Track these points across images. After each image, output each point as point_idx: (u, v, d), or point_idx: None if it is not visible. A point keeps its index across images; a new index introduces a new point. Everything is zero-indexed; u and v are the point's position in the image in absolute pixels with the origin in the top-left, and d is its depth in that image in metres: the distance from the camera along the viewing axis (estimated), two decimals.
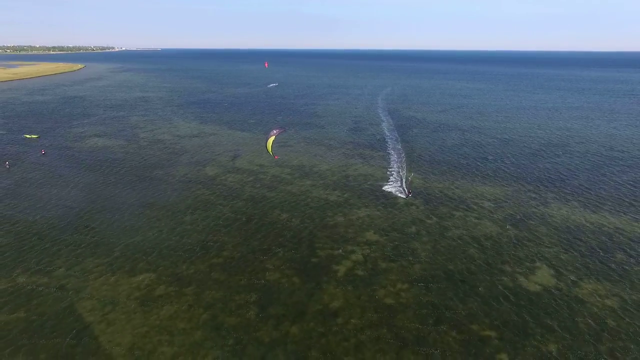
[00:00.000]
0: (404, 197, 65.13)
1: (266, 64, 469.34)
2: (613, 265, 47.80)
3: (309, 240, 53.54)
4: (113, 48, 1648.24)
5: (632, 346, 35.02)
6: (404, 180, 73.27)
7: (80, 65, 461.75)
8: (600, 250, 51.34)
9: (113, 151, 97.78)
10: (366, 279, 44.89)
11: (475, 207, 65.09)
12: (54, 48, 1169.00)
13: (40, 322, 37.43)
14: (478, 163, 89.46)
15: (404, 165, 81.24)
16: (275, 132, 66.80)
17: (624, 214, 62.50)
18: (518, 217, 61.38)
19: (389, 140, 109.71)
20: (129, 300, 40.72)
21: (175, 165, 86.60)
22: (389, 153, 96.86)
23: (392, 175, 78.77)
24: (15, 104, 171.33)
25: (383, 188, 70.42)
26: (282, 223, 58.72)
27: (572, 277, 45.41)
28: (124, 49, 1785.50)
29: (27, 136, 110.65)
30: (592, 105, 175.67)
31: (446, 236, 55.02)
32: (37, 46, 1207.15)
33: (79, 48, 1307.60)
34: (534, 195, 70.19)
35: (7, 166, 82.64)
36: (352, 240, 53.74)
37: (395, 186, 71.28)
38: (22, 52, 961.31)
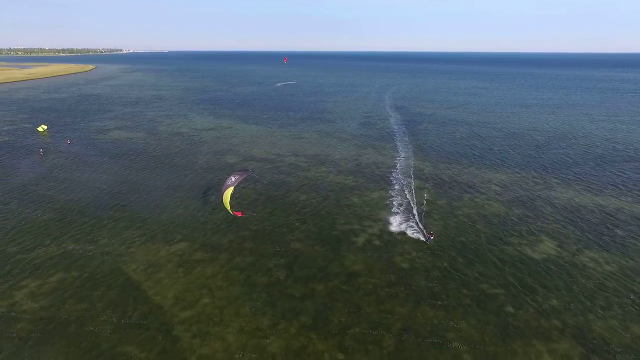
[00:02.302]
0: (425, 240, 49.87)
1: (285, 60, 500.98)
2: (613, 239, 51.40)
3: (328, 217, 57.66)
4: (121, 50, 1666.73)
5: (627, 300, 38.74)
6: (417, 213, 57.55)
7: (91, 66, 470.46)
8: (601, 227, 54.96)
9: (135, 142, 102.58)
10: (383, 247, 48.88)
11: (483, 190, 68.84)
12: (63, 50, 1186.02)
13: (93, 280, 41.84)
14: (485, 153, 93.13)
15: (413, 189, 67.82)
16: (233, 179, 50.06)
17: (625, 196, 65.99)
18: (524, 199, 65.06)
19: (398, 134, 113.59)
20: (170, 264, 45.04)
21: (195, 154, 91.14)
22: (398, 145, 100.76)
23: (403, 200, 63.54)
24: (34, 101, 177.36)
25: (391, 224, 54.63)
26: (302, 203, 62.90)
27: (574, 248, 49.11)
28: (131, 51, 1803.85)
29: (39, 130, 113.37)
30: (595, 102, 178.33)
31: (456, 214, 58.87)
32: (47, 48, 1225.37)
33: (88, 50, 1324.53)
34: (539, 181, 73.78)
35: (41, 153, 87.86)
36: (369, 217, 57.74)
37: (409, 222, 55.02)
38: (33, 54, 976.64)
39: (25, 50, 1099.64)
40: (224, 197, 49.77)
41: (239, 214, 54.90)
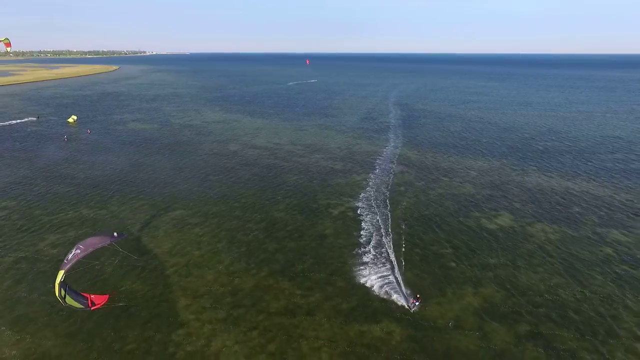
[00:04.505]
0: (407, 306, 35.91)
1: (307, 62, 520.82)
2: (567, 215, 56.32)
3: (312, 193, 64.30)
4: (144, 52, 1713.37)
5: (557, 260, 44.05)
6: (398, 272, 41.42)
7: (115, 67, 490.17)
8: (560, 205, 59.86)
9: (149, 132, 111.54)
10: (356, 217, 55.17)
11: (461, 175, 74.20)
12: (89, 52, 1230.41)
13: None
14: (473, 144, 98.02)
15: (394, 172, 61.39)
16: (70, 257, 30.12)
17: (594, 181, 70.34)
18: (496, 182, 70.17)
19: (395, 127, 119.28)
20: (168, 225, 52.49)
21: (202, 143, 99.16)
22: (392, 137, 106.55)
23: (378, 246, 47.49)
24: (61, 98, 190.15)
25: (364, 201, 50.95)
26: (291, 182, 69.73)
27: (528, 221, 54.33)
28: (154, 53, 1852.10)
29: (70, 120, 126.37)
30: (599, 101, 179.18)
31: (429, 193, 64.63)
32: (75, 50, 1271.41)
33: (113, 52, 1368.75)
34: (517, 168, 78.58)
35: (66, 140, 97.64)
36: (349, 194, 64.07)
37: (386, 277, 40.82)
38: (61, 56, 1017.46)
39: (54, 52, 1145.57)
40: (56, 280, 29.79)
41: (101, 301, 32.50)
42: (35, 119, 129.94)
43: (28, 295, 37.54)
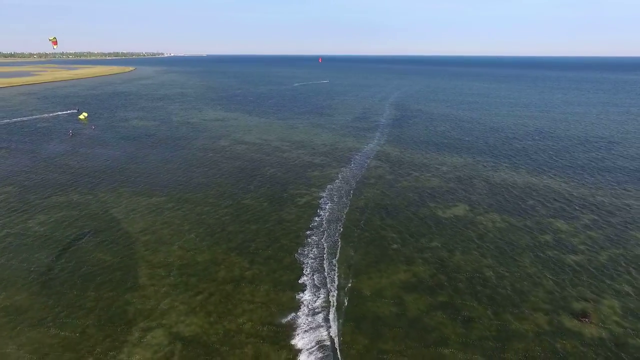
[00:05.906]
0: None
1: (320, 60, 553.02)
2: (519, 206, 59.35)
3: (284, 184, 68.73)
4: (163, 54, 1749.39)
5: (493, 246, 47.38)
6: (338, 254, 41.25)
7: (131, 68, 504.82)
8: (516, 198, 62.84)
9: (148, 128, 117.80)
10: (319, 205, 59.29)
11: (432, 170, 77.57)
12: (109, 54, 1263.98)
13: (86, 216, 55.01)
14: (455, 142, 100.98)
15: (368, 167, 69.06)
16: None
17: (559, 178, 72.87)
18: (464, 177, 73.35)
19: (385, 126, 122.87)
20: (145, 209, 57.61)
21: (195, 138, 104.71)
22: (378, 135, 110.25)
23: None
24: (75, 97, 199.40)
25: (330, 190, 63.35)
26: (268, 174, 74.32)
27: (481, 211, 57.60)
28: (172, 54, 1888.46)
29: (81, 117, 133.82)
30: (598, 102, 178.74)
31: (395, 186, 68.33)
32: (95, 52, 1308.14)
33: (132, 54, 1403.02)
34: (489, 165, 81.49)
35: (70, 134, 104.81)
36: (320, 185, 68.25)
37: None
38: (82, 58, 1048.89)
39: (75, 54, 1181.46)
40: None
41: None
42: (76, 110, 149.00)
43: (7, 262, 42.93)
